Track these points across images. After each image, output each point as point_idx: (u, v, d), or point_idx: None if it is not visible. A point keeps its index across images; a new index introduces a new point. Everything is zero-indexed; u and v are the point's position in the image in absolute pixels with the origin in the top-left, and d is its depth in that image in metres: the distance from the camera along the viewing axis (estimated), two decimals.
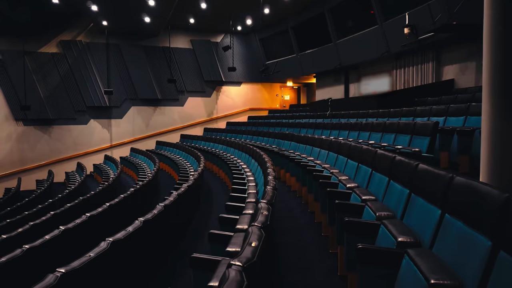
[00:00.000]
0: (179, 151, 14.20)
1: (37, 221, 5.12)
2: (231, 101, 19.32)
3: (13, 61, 16.15)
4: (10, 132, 16.44)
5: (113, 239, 3.10)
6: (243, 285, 1.71)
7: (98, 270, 2.88)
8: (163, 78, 17.39)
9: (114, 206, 5.29)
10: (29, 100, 15.95)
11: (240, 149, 10.55)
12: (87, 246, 3.08)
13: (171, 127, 18.39)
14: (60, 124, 17.02)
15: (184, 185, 5.85)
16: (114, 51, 17.33)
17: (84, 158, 16.91)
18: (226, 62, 18.32)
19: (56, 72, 16.84)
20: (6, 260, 3.16)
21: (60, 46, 16.88)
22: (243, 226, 3.53)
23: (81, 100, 17.09)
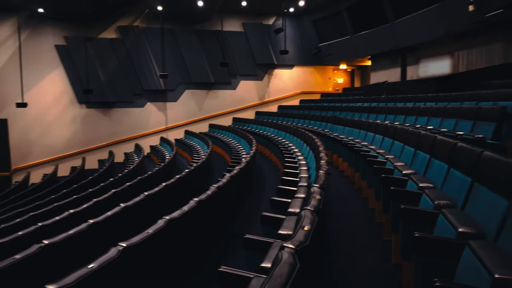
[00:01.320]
0: (231, 134, 14.40)
1: (100, 198, 5.43)
2: (283, 85, 19.21)
3: (76, 47, 17.06)
4: (75, 114, 17.50)
5: (170, 218, 3.22)
6: (295, 268, 1.72)
7: (155, 246, 3.02)
8: (216, 61, 17.59)
9: (169, 186, 5.49)
10: (91, 84, 16.83)
11: (292, 133, 10.51)
12: (145, 223, 3.23)
13: (224, 111, 18.66)
14: (119, 107, 17.86)
15: (236, 167, 5.94)
16: (169, 36, 17.75)
17: (142, 139, 17.65)
18: (278, 45, 18.15)
19: (115, 57, 17.59)
20: (74, 232, 3.40)
21: (118, 32, 17.57)
22: (295, 210, 3.54)
23: (138, 84, 17.77)
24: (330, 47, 17.00)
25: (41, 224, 4.25)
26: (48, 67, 17.08)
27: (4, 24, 16.54)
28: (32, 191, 11.29)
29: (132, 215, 4.37)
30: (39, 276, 3.04)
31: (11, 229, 4.88)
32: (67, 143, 17.43)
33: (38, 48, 16.84)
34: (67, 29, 17.09)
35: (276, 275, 1.63)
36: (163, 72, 17.08)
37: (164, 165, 9.49)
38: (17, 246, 3.60)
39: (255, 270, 2.57)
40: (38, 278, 3.03)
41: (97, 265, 2.24)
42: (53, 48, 17.07)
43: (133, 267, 2.74)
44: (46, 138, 17.27)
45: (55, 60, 17.13)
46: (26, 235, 4.02)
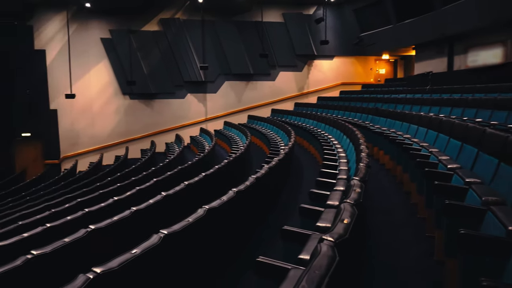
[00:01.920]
0: (269, 125, 14.40)
1: (142, 187, 5.60)
2: (323, 76, 18.93)
3: (120, 40, 17.60)
4: (118, 105, 18.12)
5: (209, 207, 3.28)
6: (334, 261, 1.70)
7: (195, 235, 3.08)
8: (255, 53, 17.57)
9: (209, 176, 5.57)
10: (135, 76, 17.34)
11: (331, 125, 10.36)
12: (184, 212, 3.30)
13: (262, 102, 18.67)
14: (160, 98, 18.30)
15: (275, 158, 5.94)
16: (209, 28, 17.91)
17: (182, 130, 18.01)
18: (318, 35, 17.86)
19: (157, 49, 17.99)
20: (118, 219, 3.53)
21: (160, 24, 17.94)
22: (333, 202, 3.50)
23: (179, 75, 18.10)
24: (372, 36, 16.55)
25: (88, 210, 4.45)
26: (94, 59, 17.74)
27: (55, 19, 17.31)
28: (80, 178, 11.82)
29: (173, 204, 4.47)
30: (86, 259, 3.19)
31: (60, 214, 5.14)
32: (111, 133, 18.10)
33: (85, 41, 17.51)
34: (112, 22, 17.65)
35: (315, 267, 1.61)
36: (203, 63, 17.28)
37: (203, 155, 9.64)
38: (66, 229, 3.79)
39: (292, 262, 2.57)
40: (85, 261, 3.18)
41: (140, 251, 2.32)
42: (99, 41, 17.69)
43: (173, 254, 2.81)
44: (92, 128, 18.00)
45: (101, 53, 17.77)
46: (74, 219, 4.22)
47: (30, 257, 2.66)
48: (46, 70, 17.36)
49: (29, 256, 2.66)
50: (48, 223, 4.00)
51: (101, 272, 2.02)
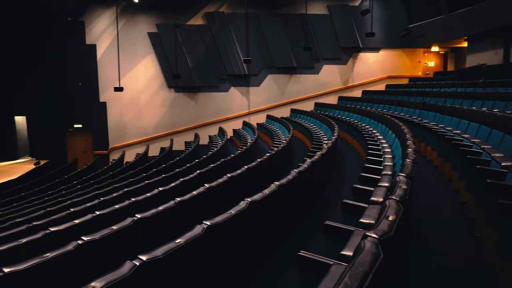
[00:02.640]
0: (312, 119, 14.25)
1: (186, 178, 5.72)
2: (368, 69, 18.45)
3: (166, 34, 18.02)
4: (164, 98, 18.61)
5: (251, 200, 3.29)
6: (379, 258, 1.66)
7: (237, 227, 3.11)
8: (299, 46, 17.40)
9: (251, 169, 5.60)
10: (180, 69, 17.71)
11: (376, 119, 10.10)
12: (226, 204, 3.34)
13: (306, 95, 18.50)
14: (204, 91, 18.59)
15: (317, 153, 5.87)
16: (253, 21, 17.92)
17: (225, 123, 18.23)
18: (364, 27, 17.40)
19: (201, 42, 18.27)
20: (163, 209, 3.63)
21: (205, 18, 18.17)
22: (378, 199, 3.41)
23: (223, 69, 18.29)
24: (422, 28, 15.89)
25: (134, 200, 4.60)
26: (141, 53, 18.30)
27: (105, 15, 17.99)
28: (127, 168, 12.26)
29: (215, 196, 4.54)
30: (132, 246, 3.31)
31: (108, 202, 5.35)
32: (157, 125, 18.64)
33: (133, 36, 18.09)
34: (159, 17, 18.10)
35: (358, 264, 1.58)
36: (246, 57, 17.35)
37: (246, 148, 9.70)
38: (113, 218, 3.95)
39: (334, 257, 2.54)
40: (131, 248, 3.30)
41: (184, 241, 2.37)
42: (146, 36, 18.21)
43: (215, 245, 2.85)
44: (138, 120, 18.62)
45: (148, 47, 18.29)
46: (121, 208, 4.38)
47: (81, 243, 2.79)
48: (97, 64, 18.13)
49: (80, 242, 2.80)
50: (97, 211, 4.18)
51: (147, 260, 2.09)
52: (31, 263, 2.47)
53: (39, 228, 4.07)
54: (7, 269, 2.36)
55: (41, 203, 7.93)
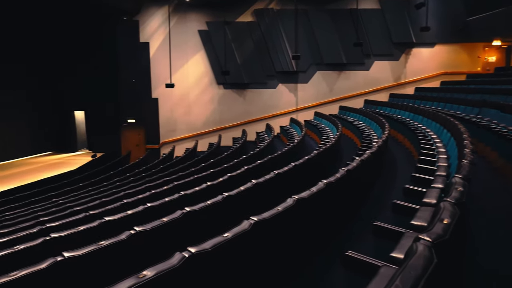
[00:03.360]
0: (362, 116, 13.93)
1: (234, 174, 5.79)
2: (422, 65, 17.70)
3: (216, 32, 18.30)
4: (213, 95, 18.94)
5: (298, 197, 3.27)
6: (432, 262, 1.59)
7: (283, 224, 3.11)
8: (349, 41, 17.03)
9: (298, 166, 5.57)
10: (229, 66, 17.93)
11: (430, 117, 9.69)
12: (273, 201, 3.34)
13: (355, 92, 18.10)
14: (252, 88, 18.72)
15: (367, 151, 5.73)
16: (302, 17, 17.76)
17: (272, 120, 18.25)
18: (418, 22, 16.69)
19: (250, 39, 18.38)
20: (211, 203, 3.70)
21: (254, 15, 18.25)
22: (431, 200, 3.27)
23: (271, 65, 18.30)
24: (482, 21, 14.99)
25: (183, 193, 4.72)
26: (192, 51, 18.73)
27: (158, 13, 18.58)
28: (176, 163, 12.61)
29: (262, 192, 4.56)
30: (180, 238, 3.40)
31: (159, 195, 5.53)
32: (206, 121, 19.02)
33: (184, 34, 18.54)
34: (209, 14, 18.42)
35: (410, 268, 1.52)
36: (295, 53, 17.24)
37: (293, 145, 9.66)
38: (164, 210, 4.08)
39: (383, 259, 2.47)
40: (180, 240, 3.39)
41: (231, 235, 2.40)
42: (197, 33, 18.60)
43: (262, 241, 2.86)
44: (188, 116, 19.10)
45: (198, 44, 18.68)
46: (171, 201, 4.51)
47: (133, 233, 2.90)
48: (150, 61, 18.77)
49: (132, 232, 2.91)
50: (149, 203, 4.33)
51: (195, 252, 2.13)
52: (88, 250, 2.61)
53: (95, 217, 4.28)
54: (67, 254, 2.51)
55: (97, 193, 8.35)
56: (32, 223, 5.04)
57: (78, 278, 2.58)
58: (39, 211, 6.96)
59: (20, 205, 8.79)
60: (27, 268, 2.36)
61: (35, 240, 3.26)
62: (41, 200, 9.20)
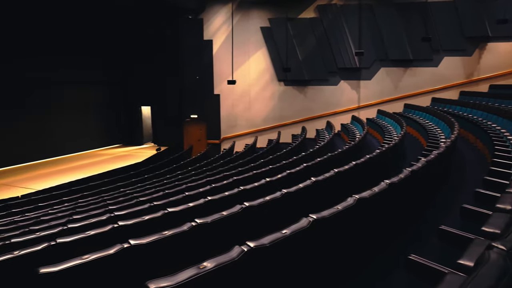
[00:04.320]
0: (429, 115, 13.25)
1: (292, 171, 5.77)
2: (498, 60, 16.41)
3: (278, 28, 18.31)
4: (273, 91, 19.01)
5: (359, 197, 3.19)
6: (507, 273, 1.47)
7: (343, 223, 3.04)
8: (416, 36, 16.24)
9: (359, 165, 5.42)
10: (290, 63, 17.88)
11: (507, 117, 9.00)
12: (332, 199, 3.28)
13: (422, 90, 17.24)
14: (313, 84, 18.52)
15: (433, 152, 5.45)
16: (366, 12, 17.23)
17: (333, 117, 17.94)
18: (495, 13, 15.51)
19: (312, 36, 18.17)
20: (269, 199, 3.71)
21: (317, 11, 18.01)
22: (505, 206, 3.04)
23: (333, 62, 17.98)
24: None
25: (243, 188, 4.78)
26: (253, 47, 18.91)
27: (221, 11, 18.99)
28: (236, 158, 12.81)
29: (321, 190, 4.49)
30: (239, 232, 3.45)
31: (219, 189, 5.65)
32: (266, 118, 19.14)
33: (246, 31, 18.76)
34: (271, 11, 18.48)
35: (481, 277, 1.42)
36: (358, 49, 16.77)
37: (354, 144, 9.43)
38: (223, 204, 4.16)
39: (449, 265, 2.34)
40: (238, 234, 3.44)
41: (290, 232, 2.39)
42: (259, 30, 18.74)
43: (320, 239, 2.82)
44: (248, 112, 19.33)
45: (260, 41, 18.82)
46: (230, 196, 4.59)
47: (194, 224, 2.99)
48: (212, 58, 19.24)
49: (193, 224, 3.00)
50: (209, 196, 4.44)
51: (254, 247, 2.15)
52: (151, 238, 2.73)
53: (159, 208, 4.47)
54: (133, 241, 2.64)
55: (160, 185, 8.71)
56: (102, 211, 5.37)
57: (142, 265, 2.71)
58: (108, 199, 7.41)
59: (92, 194, 9.41)
60: (97, 252, 2.52)
61: (104, 226, 3.47)
62: (110, 189, 9.79)
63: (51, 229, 4.21)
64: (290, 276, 2.60)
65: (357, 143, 9.65)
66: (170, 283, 1.80)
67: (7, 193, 12.20)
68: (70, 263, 2.40)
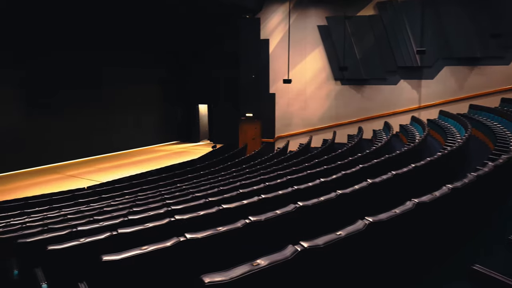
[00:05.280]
0: (497, 117, 12.39)
1: (348, 171, 5.65)
2: None
3: (336, 26, 18.00)
4: (329, 90, 18.73)
5: (419, 201, 3.05)
6: None
7: (401, 227, 2.93)
8: (485, 33, 15.24)
9: (419, 168, 5.19)
10: (347, 62, 17.51)
11: None
12: (389, 203, 3.16)
13: (490, 90, 16.12)
14: (371, 84, 18.00)
15: (502, 156, 5.09)
16: (429, 7, 16.43)
17: (391, 118, 17.33)
18: None
19: (371, 34, 17.66)
20: (324, 199, 3.66)
21: (376, 8, 17.48)
22: None
23: (393, 60, 17.36)
24: None
25: (296, 188, 4.76)
26: (310, 46, 18.75)
27: (278, 10, 19.01)
28: (290, 157, 12.77)
29: (377, 192, 4.36)
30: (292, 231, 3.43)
31: (273, 188, 5.67)
32: (321, 117, 18.92)
33: (303, 30, 18.63)
34: (329, 9, 18.21)
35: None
36: (420, 47, 16.06)
37: (413, 145, 9.05)
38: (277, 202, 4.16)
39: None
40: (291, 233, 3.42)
41: (344, 234, 2.34)
42: (316, 29, 18.54)
43: (376, 243, 2.74)
44: (304, 111, 19.20)
45: (317, 40, 18.62)
46: (284, 195, 4.58)
47: (248, 222, 3.02)
48: (269, 57, 19.32)
49: (247, 221, 3.03)
50: (263, 194, 4.46)
51: (308, 247, 2.13)
52: (206, 233, 2.79)
53: (213, 204, 4.56)
54: (189, 235, 2.72)
55: (215, 182, 8.90)
56: (160, 205, 5.57)
57: (196, 259, 2.78)
58: (165, 194, 7.69)
59: (150, 187, 9.81)
60: (155, 244, 2.62)
61: (162, 220, 3.60)
62: (167, 184, 10.15)
63: (113, 219, 4.44)
64: (342, 278, 2.55)
65: (417, 145, 9.26)
66: (224, 278, 1.82)
67: (75, 184, 13.08)
68: (131, 252, 2.52)
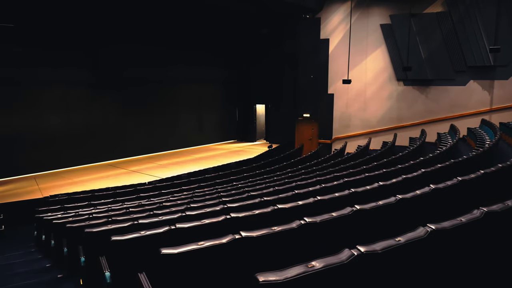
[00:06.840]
0: None
1: (409, 176, 5.41)
2: None
3: (400, 25, 17.32)
4: (391, 91, 18.06)
5: (488, 210, 2.84)
6: None
7: (467, 238, 2.75)
8: None
9: (488, 174, 4.85)
10: (411, 61, 16.80)
11: None
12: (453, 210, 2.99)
13: None
14: (437, 84, 17.12)
15: None
16: (505, 3, 15.30)
17: (458, 120, 16.40)
18: None
19: (438, 31, 16.79)
20: (382, 204, 3.53)
21: (445, 5, 16.58)
22: None
23: (462, 59, 16.39)
24: None
25: (354, 190, 4.64)
26: (372, 46, 18.20)
27: (339, 10, 18.66)
28: (347, 159, 12.50)
29: (441, 199, 4.13)
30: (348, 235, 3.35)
31: (329, 189, 5.57)
32: (381, 119, 18.30)
33: (365, 29, 18.13)
34: (393, 7, 17.56)
35: None
36: (494, 45, 15.01)
37: (483, 150, 8.47)
38: (333, 204, 4.08)
39: None
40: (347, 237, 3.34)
41: (404, 240, 2.24)
42: (378, 28, 17.96)
43: (438, 253, 2.59)
44: (363, 112, 18.69)
45: (379, 39, 18.04)
46: (340, 197, 4.48)
47: (303, 223, 2.99)
48: (328, 57, 19.03)
49: (302, 222, 3.00)
50: (319, 196, 4.40)
51: (365, 252, 2.06)
52: (261, 232, 2.80)
53: (269, 203, 4.57)
54: (244, 233, 2.74)
55: (271, 181, 8.92)
56: (216, 202, 5.69)
57: (250, 257, 2.80)
58: (221, 191, 7.83)
59: (207, 185, 10.06)
60: (211, 240, 2.67)
61: (218, 217, 3.67)
62: (223, 182, 10.35)
63: (171, 214, 4.60)
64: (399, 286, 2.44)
65: (487, 149, 8.66)
66: (278, 278, 1.81)
67: (137, 179, 13.73)
68: (188, 247, 2.59)
